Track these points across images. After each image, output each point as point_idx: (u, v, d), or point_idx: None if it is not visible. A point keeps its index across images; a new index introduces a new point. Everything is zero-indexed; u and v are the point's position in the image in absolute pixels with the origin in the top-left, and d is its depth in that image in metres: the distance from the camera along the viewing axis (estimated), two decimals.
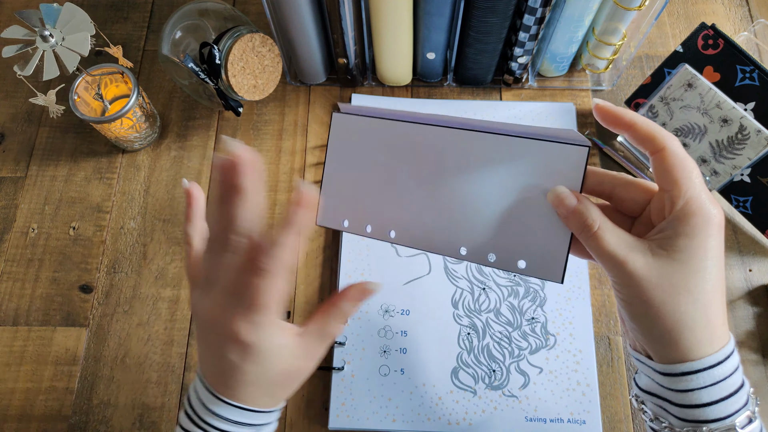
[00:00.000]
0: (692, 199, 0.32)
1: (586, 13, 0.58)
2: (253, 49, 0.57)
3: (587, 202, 0.34)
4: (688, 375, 0.32)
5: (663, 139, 0.34)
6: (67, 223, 0.62)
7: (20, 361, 0.56)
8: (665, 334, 0.33)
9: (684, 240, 0.32)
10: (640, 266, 0.32)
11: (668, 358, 0.33)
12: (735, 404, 0.33)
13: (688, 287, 0.32)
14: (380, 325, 0.56)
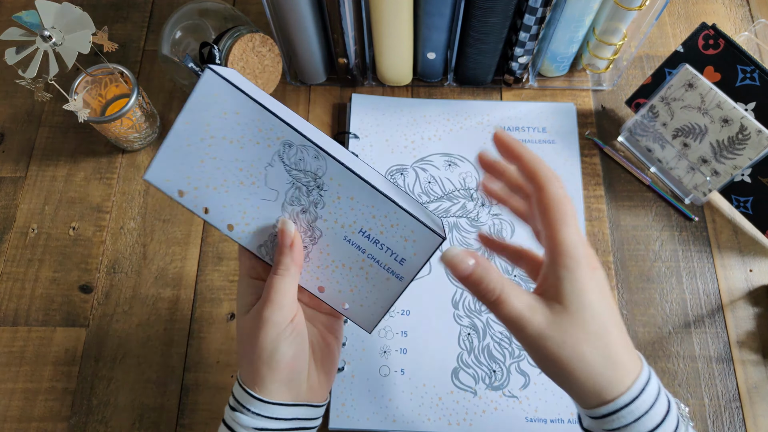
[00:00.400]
0: (562, 241, 0.33)
1: (586, 13, 0.58)
2: (253, 49, 0.57)
3: (486, 264, 0.34)
4: (610, 416, 0.33)
5: (543, 178, 0.35)
6: (67, 223, 0.62)
7: (20, 361, 0.56)
8: (580, 385, 0.33)
9: (567, 286, 0.33)
10: (543, 326, 0.33)
11: (590, 404, 0.34)
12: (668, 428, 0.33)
13: (587, 336, 0.33)
14: (380, 325, 0.56)
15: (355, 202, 0.39)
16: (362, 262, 0.41)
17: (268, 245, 0.41)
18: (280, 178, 0.39)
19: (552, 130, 0.64)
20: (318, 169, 0.39)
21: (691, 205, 0.62)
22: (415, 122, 0.65)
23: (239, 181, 0.40)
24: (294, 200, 0.40)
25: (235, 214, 0.40)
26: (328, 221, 0.40)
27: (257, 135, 0.39)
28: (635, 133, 0.63)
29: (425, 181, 0.62)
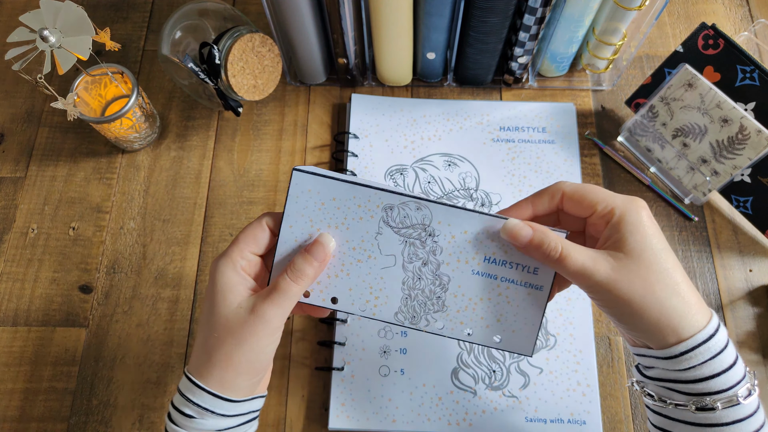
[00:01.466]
0: (615, 206, 0.36)
1: (586, 13, 0.58)
2: (253, 49, 0.57)
3: (542, 229, 0.37)
4: (687, 353, 0.35)
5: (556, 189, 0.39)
6: (67, 223, 0.62)
7: (20, 361, 0.56)
8: (654, 324, 0.35)
9: (630, 237, 0.35)
10: (610, 271, 0.35)
11: (664, 343, 0.35)
12: (734, 377, 0.35)
13: (657, 276, 0.35)
14: (380, 325, 0.56)
15: (469, 234, 0.40)
16: (498, 288, 0.40)
17: (403, 310, 0.41)
18: (392, 242, 0.40)
19: (552, 130, 0.64)
20: (424, 218, 0.40)
21: (690, 205, 0.62)
22: (415, 122, 0.65)
23: (356, 260, 0.41)
24: (412, 257, 0.41)
25: (363, 293, 0.41)
26: (450, 264, 0.40)
27: (358, 211, 0.40)
28: (635, 133, 0.63)
29: (425, 181, 0.62)
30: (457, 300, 0.41)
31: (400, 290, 0.41)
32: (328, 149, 0.65)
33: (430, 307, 0.41)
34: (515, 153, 0.63)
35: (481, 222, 0.39)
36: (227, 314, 0.37)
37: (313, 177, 0.39)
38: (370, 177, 0.62)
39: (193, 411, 0.37)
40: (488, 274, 0.40)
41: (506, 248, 0.40)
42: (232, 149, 0.65)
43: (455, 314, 0.41)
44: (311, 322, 0.58)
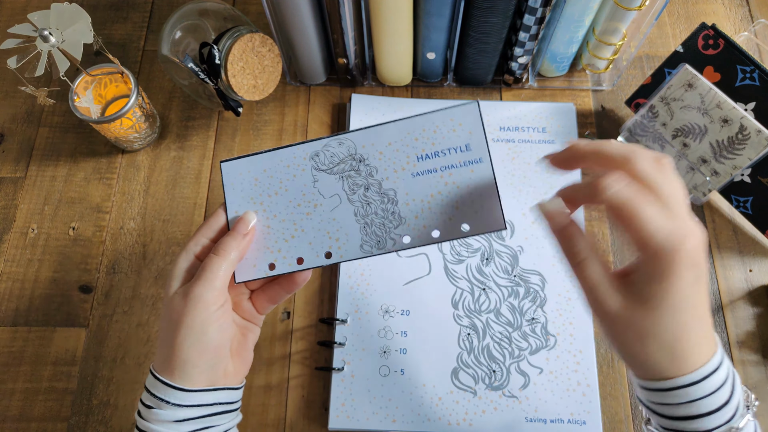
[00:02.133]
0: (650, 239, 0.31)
1: (586, 13, 0.58)
2: (253, 49, 0.57)
3: (576, 228, 0.35)
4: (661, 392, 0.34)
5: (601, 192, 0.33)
6: (67, 223, 0.62)
7: (20, 361, 0.56)
8: (635, 363, 0.34)
9: (651, 286, 0.32)
10: (614, 309, 0.33)
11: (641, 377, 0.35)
12: (716, 420, 0.33)
13: (657, 332, 0.32)
14: (380, 325, 0.56)
15: (394, 144, 0.41)
16: (442, 179, 0.40)
17: (366, 240, 0.42)
18: (330, 183, 0.42)
19: (552, 131, 0.64)
20: (348, 149, 0.41)
21: (690, 205, 0.62)
22: None
23: (305, 214, 0.42)
24: (353, 188, 0.42)
25: (323, 242, 0.42)
26: (390, 177, 0.41)
27: (289, 171, 0.42)
28: (635, 133, 0.63)
29: None
30: (410, 207, 0.41)
31: (355, 222, 0.41)
32: None
33: (389, 226, 0.41)
34: (515, 153, 0.63)
35: (397, 129, 0.41)
36: (167, 302, 0.38)
37: (239, 160, 0.42)
38: None
39: (151, 402, 0.37)
40: (427, 170, 0.41)
41: (431, 139, 0.41)
42: (232, 149, 0.65)
43: (415, 221, 0.41)
44: (311, 322, 0.58)
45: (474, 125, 0.40)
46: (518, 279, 0.58)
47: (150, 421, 0.37)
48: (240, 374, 0.42)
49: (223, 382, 0.40)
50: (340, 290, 0.57)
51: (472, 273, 0.58)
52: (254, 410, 0.54)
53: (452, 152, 0.40)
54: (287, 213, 0.42)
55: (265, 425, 0.54)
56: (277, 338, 0.57)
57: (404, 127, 0.41)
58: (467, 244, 0.59)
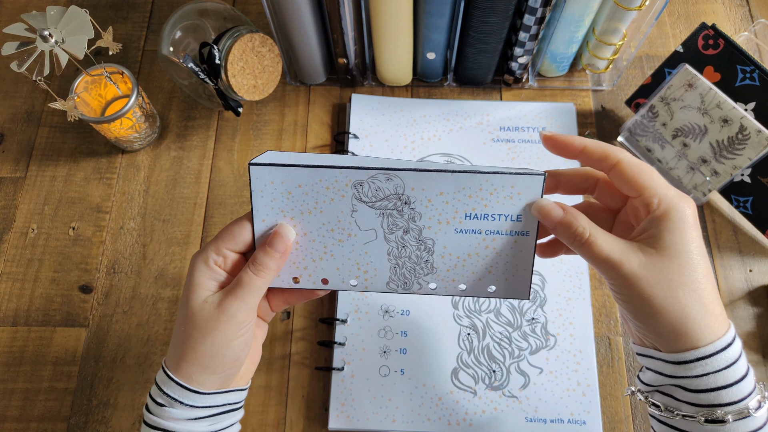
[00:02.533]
0: (664, 197, 0.35)
1: (586, 13, 0.58)
2: (253, 49, 0.57)
3: (574, 212, 0.36)
4: (700, 361, 0.34)
5: (616, 154, 0.36)
6: (67, 223, 0.62)
7: (20, 361, 0.56)
8: (671, 327, 0.34)
9: (668, 236, 0.34)
10: (636, 266, 0.34)
11: (677, 348, 0.34)
12: (746, 388, 0.34)
13: (683, 280, 0.33)
14: (380, 325, 0.56)
15: (445, 195, 0.38)
16: (484, 242, 0.40)
17: (393, 278, 0.41)
18: (369, 217, 0.39)
19: (552, 130, 0.64)
20: (396, 188, 0.38)
21: None
22: (415, 122, 0.65)
23: (337, 240, 0.40)
24: (392, 227, 0.40)
25: (351, 270, 0.41)
26: (432, 227, 0.39)
27: (327, 193, 0.39)
28: (635, 133, 0.63)
29: None
30: (445, 260, 0.40)
31: (386, 261, 0.41)
32: (329, 149, 0.65)
33: (420, 272, 0.41)
34: (515, 153, 0.63)
35: (454, 180, 0.38)
36: (195, 309, 0.37)
37: (273, 168, 0.38)
38: None
39: (163, 400, 0.38)
40: (472, 230, 0.39)
41: (486, 201, 0.39)
42: (232, 149, 0.65)
43: (446, 273, 0.41)
44: (311, 322, 0.58)
45: (533, 197, 0.39)
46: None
47: (161, 417, 0.38)
48: (249, 374, 0.43)
49: (234, 384, 0.41)
50: (340, 290, 0.57)
51: None
52: (254, 410, 0.54)
53: (502, 219, 0.39)
54: (319, 234, 0.40)
55: (266, 425, 0.54)
56: (277, 338, 0.57)
57: (462, 181, 0.38)
58: None
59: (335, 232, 0.40)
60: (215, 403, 0.39)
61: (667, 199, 0.35)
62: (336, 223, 0.40)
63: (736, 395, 0.34)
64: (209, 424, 0.39)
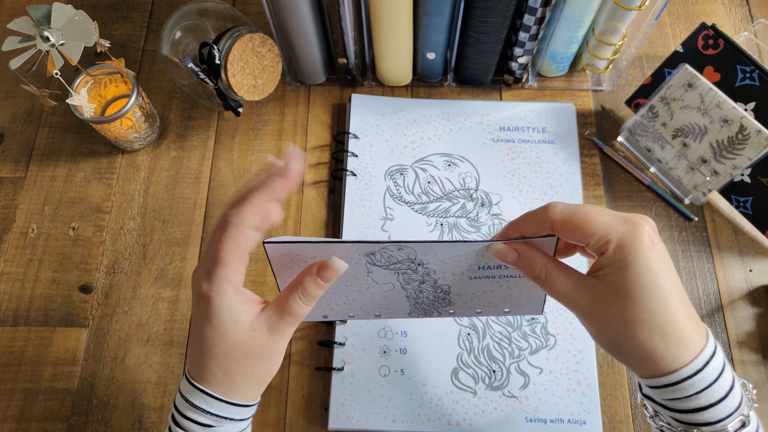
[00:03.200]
0: (608, 235, 0.33)
1: (586, 13, 0.58)
2: (253, 49, 0.57)
3: (530, 254, 0.37)
4: (668, 387, 0.34)
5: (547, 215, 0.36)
6: (67, 223, 0.62)
7: (20, 361, 0.56)
8: (633, 360, 0.34)
9: (620, 274, 0.33)
10: (590, 305, 0.34)
11: (646, 375, 0.35)
12: (726, 409, 0.33)
13: (638, 316, 0.33)
14: (380, 325, 0.56)
15: (458, 257, 0.39)
16: (498, 283, 0.42)
17: (413, 311, 0.45)
18: (385, 275, 0.41)
19: (552, 131, 0.64)
20: (408, 255, 0.39)
21: (690, 205, 0.62)
22: (415, 122, 0.65)
23: (358, 292, 0.43)
24: (408, 281, 0.42)
25: (373, 309, 0.44)
26: (447, 277, 0.41)
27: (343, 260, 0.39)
28: (635, 133, 0.63)
29: (425, 181, 0.62)
30: (461, 297, 0.43)
31: (406, 301, 0.43)
32: (328, 149, 0.65)
33: (438, 305, 0.44)
34: (515, 153, 0.63)
35: (466, 248, 0.39)
36: (243, 339, 0.36)
37: (287, 246, 0.38)
38: (369, 177, 0.62)
39: (212, 421, 0.37)
40: (486, 276, 0.41)
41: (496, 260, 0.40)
42: (232, 149, 0.65)
43: (462, 305, 0.44)
44: (311, 322, 0.57)
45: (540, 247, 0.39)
46: None
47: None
48: None
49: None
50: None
51: None
52: None
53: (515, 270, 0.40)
54: (340, 289, 0.42)
55: (266, 425, 0.54)
56: None
57: (474, 247, 0.39)
58: None
59: (354, 287, 0.42)
60: (252, 414, 0.40)
61: (616, 234, 0.33)
62: (354, 281, 0.41)
63: (713, 416, 0.33)
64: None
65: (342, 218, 0.60)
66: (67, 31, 0.53)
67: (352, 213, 0.60)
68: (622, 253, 0.33)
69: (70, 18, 0.53)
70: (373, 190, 0.61)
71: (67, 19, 0.53)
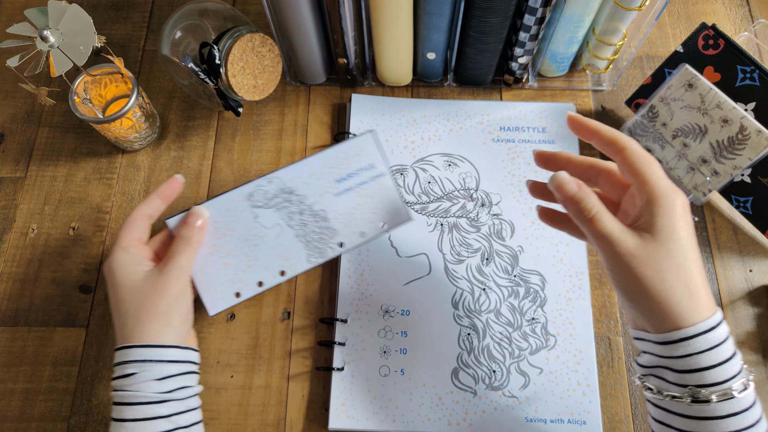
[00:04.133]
0: (655, 186, 0.37)
1: (586, 13, 0.58)
2: (253, 49, 0.57)
3: (586, 189, 0.39)
4: (684, 341, 0.36)
5: (623, 141, 0.40)
6: (67, 223, 0.62)
7: (20, 361, 0.56)
8: (657, 306, 0.36)
9: (660, 221, 0.37)
10: (632, 247, 0.37)
11: (664, 328, 0.37)
12: (730, 370, 0.36)
13: (671, 263, 0.36)
14: (380, 325, 0.56)
15: (315, 174, 0.52)
16: (359, 194, 0.52)
17: (310, 253, 0.53)
18: (269, 216, 0.51)
19: (552, 131, 0.64)
20: (278, 185, 0.51)
21: (691, 205, 0.62)
22: (415, 122, 0.65)
23: (255, 245, 0.52)
24: (290, 216, 0.52)
25: (276, 264, 0.52)
26: (318, 200, 0.52)
27: (231, 212, 0.51)
28: (635, 133, 0.63)
29: (425, 182, 0.62)
30: (340, 220, 0.52)
31: (298, 242, 0.52)
32: None
33: (326, 238, 0.52)
34: (515, 153, 0.63)
35: (315, 161, 0.52)
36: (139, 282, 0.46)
37: (181, 215, 0.51)
38: None
39: (131, 368, 0.42)
40: (346, 189, 0.52)
41: (344, 164, 0.51)
42: (232, 149, 0.65)
43: (345, 230, 0.53)
44: (311, 322, 0.58)
45: (371, 149, 0.52)
46: (518, 279, 0.58)
47: (131, 389, 0.42)
48: (194, 337, 0.50)
49: (187, 342, 0.47)
50: (340, 290, 0.57)
51: (472, 273, 0.58)
52: (254, 410, 0.54)
53: (362, 172, 0.52)
54: (239, 248, 0.51)
55: (266, 425, 0.54)
56: (277, 338, 0.57)
57: (320, 159, 0.52)
58: (467, 245, 0.59)
59: (249, 240, 0.51)
60: (179, 358, 0.44)
61: (660, 188, 0.37)
62: (247, 233, 0.51)
63: (719, 376, 0.35)
64: (177, 384, 0.43)
65: None
66: (67, 28, 0.53)
67: None
68: (665, 203, 0.37)
69: (67, 15, 0.53)
70: None
71: (63, 17, 0.53)
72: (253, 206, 0.50)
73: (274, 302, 0.58)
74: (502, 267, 0.58)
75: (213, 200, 0.50)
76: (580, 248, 0.59)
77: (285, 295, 0.58)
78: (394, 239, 0.59)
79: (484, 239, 0.59)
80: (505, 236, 0.59)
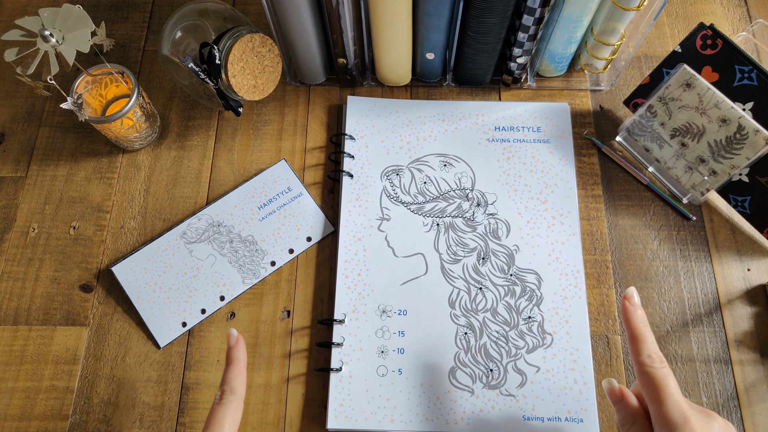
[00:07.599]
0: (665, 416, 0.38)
1: (584, 14, 0.58)
2: (253, 49, 0.58)
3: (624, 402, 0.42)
4: None
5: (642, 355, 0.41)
6: (68, 222, 0.62)
7: (20, 360, 0.57)
8: None
9: None
10: None
11: None
12: None
13: None
14: (378, 325, 0.56)
15: (239, 205, 0.60)
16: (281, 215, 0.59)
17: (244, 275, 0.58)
18: (202, 249, 0.58)
19: (547, 130, 0.65)
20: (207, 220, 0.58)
21: (688, 204, 0.62)
22: (410, 123, 0.65)
23: (193, 277, 0.57)
24: (221, 245, 0.58)
25: (215, 291, 0.57)
26: (244, 228, 0.59)
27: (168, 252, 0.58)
28: (633, 132, 0.63)
29: (421, 182, 0.62)
30: (267, 242, 0.58)
31: (232, 268, 0.57)
32: (327, 150, 0.66)
33: (258, 260, 0.58)
34: (510, 153, 0.64)
35: (237, 194, 0.60)
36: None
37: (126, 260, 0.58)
38: (365, 178, 0.62)
39: None
40: (269, 212, 0.59)
41: (263, 192, 0.59)
42: (232, 149, 0.66)
43: (274, 249, 0.58)
44: (311, 323, 0.58)
45: (287, 173, 0.61)
46: (514, 278, 0.58)
47: None
48: None
49: None
50: (337, 291, 0.58)
51: (469, 272, 0.58)
52: (254, 408, 0.55)
53: (281, 195, 0.60)
54: (179, 281, 0.57)
55: (265, 424, 0.54)
56: (277, 337, 0.57)
57: (241, 191, 0.60)
58: (463, 244, 0.59)
59: (188, 273, 0.57)
60: None
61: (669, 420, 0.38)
62: (184, 267, 0.57)
63: None
64: None
65: (339, 218, 0.60)
66: (64, 25, 0.53)
67: (349, 213, 0.61)
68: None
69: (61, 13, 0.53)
70: (369, 190, 0.62)
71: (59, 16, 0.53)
72: (187, 243, 0.57)
73: (274, 301, 0.58)
74: (499, 266, 0.58)
75: (150, 244, 0.58)
76: (576, 247, 0.59)
77: (285, 294, 0.59)
78: (390, 239, 0.59)
79: (480, 239, 0.59)
80: (501, 235, 0.60)
